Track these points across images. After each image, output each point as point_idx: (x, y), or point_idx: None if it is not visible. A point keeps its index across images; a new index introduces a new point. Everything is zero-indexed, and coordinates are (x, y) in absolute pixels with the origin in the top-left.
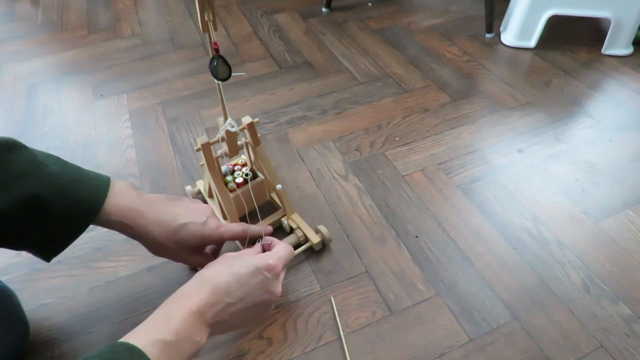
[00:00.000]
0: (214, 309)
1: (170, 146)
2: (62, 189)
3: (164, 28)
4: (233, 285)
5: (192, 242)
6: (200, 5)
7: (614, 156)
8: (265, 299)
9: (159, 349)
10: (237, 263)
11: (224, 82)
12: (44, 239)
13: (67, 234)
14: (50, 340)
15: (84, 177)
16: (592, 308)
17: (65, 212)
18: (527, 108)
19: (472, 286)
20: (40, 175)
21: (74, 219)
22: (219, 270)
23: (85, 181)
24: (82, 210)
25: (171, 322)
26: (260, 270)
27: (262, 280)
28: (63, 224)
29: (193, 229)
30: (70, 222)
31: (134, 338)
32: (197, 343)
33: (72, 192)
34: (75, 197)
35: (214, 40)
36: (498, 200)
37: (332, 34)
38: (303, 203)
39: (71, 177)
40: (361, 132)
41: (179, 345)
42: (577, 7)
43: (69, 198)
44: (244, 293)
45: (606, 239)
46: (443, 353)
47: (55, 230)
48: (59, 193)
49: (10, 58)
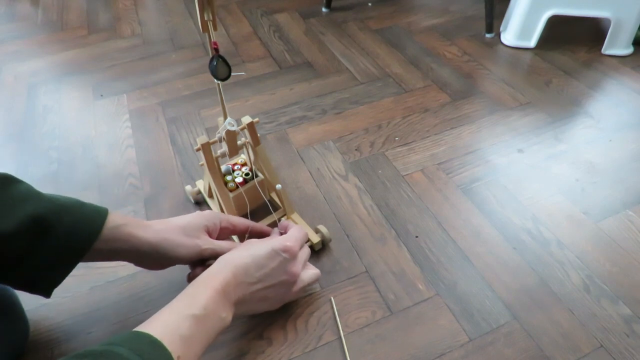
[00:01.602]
0: (236, 288)
1: (170, 146)
2: (65, 209)
3: (164, 28)
4: (252, 266)
5: (189, 261)
6: (200, 5)
7: (614, 156)
8: (284, 279)
9: (189, 322)
10: (255, 246)
11: (224, 82)
12: (48, 262)
13: (71, 254)
14: (50, 340)
15: (83, 202)
16: (592, 308)
17: (70, 230)
18: (527, 108)
19: (472, 286)
20: (41, 199)
21: (78, 237)
22: (239, 254)
23: (85, 205)
24: (86, 228)
25: (199, 299)
26: (277, 251)
27: (281, 262)
28: (67, 244)
29: (186, 254)
30: (75, 241)
31: (163, 318)
32: (223, 320)
33: (74, 211)
34: (78, 215)
35: (213, 40)
36: (498, 200)
37: (332, 34)
38: (303, 203)
39: (71, 201)
40: (361, 132)
41: (207, 320)
42: (577, 7)
43: (72, 217)
44: (263, 274)
45: (606, 239)
46: (443, 353)
47: (59, 251)
48: (62, 213)
49: (10, 58)
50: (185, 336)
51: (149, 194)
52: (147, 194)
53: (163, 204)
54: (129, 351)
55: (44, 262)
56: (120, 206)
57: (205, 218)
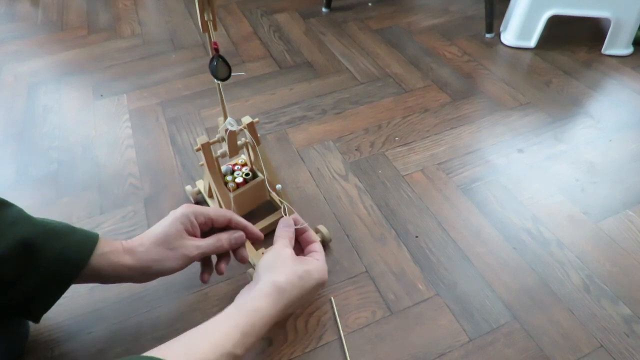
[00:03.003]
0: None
1: (170, 146)
2: (54, 234)
3: (164, 28)
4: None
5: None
6: (200, 5)
7: (614, 156)
8: (312, 298)
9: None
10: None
11: (224, 82)
12: (36, 287)
13: (59, 281)
14: (50, 340)
15: (74, 228)
16: (592, 308)
17: (58, 256)
18: (527, 108)
19: (472, 286)
20: (30, 223)
21: (66, 263)
22: (293, 283)
23: (75, 230)
24: (75, 255)
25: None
26: (320, 284)
27: (317, 289)
28: (56, 270)
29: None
30: (63, 267)
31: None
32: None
33: (63, 236)
34: (67, 240)
35: (213, 40)
36: (498, 200)
37: (332, 34)
38: (303, 203)
39: (61, 225)
40: (361, 132)
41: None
42: (577, 7)
43: (61, 241)
44: (300, 303)
45: (606, 239)
46: (443, 353)
47: (48, 277)
48: (51, 237)
49: (10, 58)
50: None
51: (149, 194)
52: (147, 194)
53: (163, 204)
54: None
55: (33, 287)
56: (120, 206)
57: (180, 221)
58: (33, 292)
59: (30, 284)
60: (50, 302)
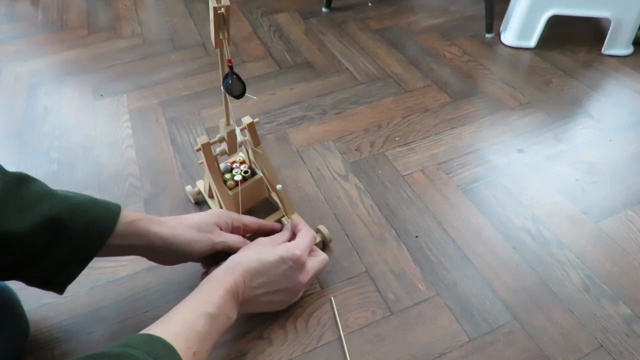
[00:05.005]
0: (244, 291)
1: (170, 146)
2: (79, 208)
3: (164, 28)
4: (259, 272)
5: (202, 255)
6: (215, 24)
7: (614, 156)
8: (289, 286)
9: (204, 320)
10: (265, 250)
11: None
12: (62, 260)
13: (85, 252)
14: (50, 340)
15: (96, 200)
16: (592, 308)
17: (84, 228)
18: (527, 108)
19: (472, 286)
20: (55, 198)
21: (91, 235)
22: (248, 256)
23: (98, 202)
24: (99, 226)
25: (212, 298)
26: (285, 259)
27: (287, 269)
28: (81, 242)
29: (198, 249)
30: (89, 239)
31: (181, 315)
32: (230, 319)
33: (88, 209)
34: (92, 213)
35: (228, 58)
36: (498, 200)
37: (332, 34)
38: (303, 203)
39: (85, 198)
40: (361, 132)
41: (219, 318)
42: (577, 7)
43: (86, 215)
44: (267, 279)
45: (606, 239)
46: (443, 353)
47: (73, 250)
48: (76, 212)
49: (10, 58)
50: (201, 333)
51: (149, 194)
52: (147, 194)
53: (163, 204)
54: (144, 354)
55: (58, 261)
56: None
57: (217, 216)
58: (58, 265)
59: (56, 257)
60: (75, 273)
